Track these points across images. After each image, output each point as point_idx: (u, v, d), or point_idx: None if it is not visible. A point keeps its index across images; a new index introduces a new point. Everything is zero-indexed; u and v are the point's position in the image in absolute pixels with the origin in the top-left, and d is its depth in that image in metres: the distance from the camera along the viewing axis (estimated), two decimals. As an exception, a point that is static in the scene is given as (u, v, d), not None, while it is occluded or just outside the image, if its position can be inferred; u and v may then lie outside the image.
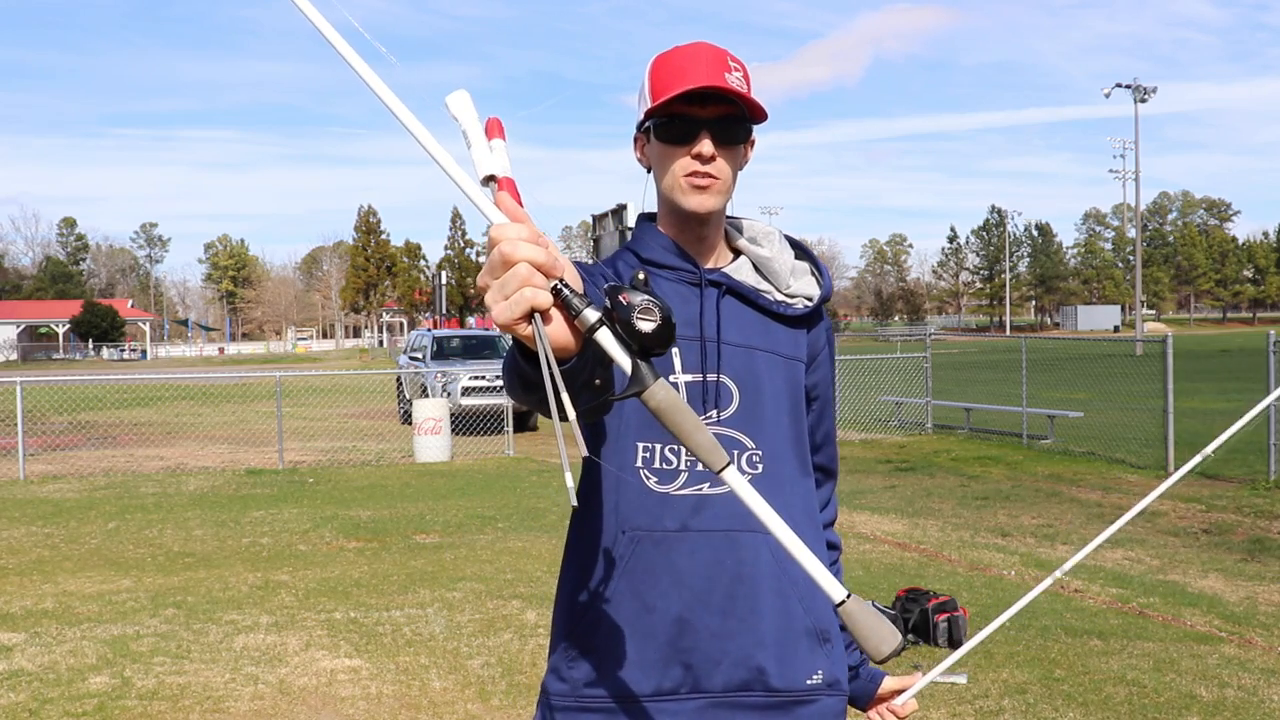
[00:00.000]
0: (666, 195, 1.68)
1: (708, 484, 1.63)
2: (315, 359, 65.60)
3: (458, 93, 1.23)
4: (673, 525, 1.62)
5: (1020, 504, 10.09)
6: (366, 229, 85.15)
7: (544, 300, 1.09)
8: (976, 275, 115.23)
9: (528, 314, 1.09)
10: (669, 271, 1.70)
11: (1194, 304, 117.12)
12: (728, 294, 1.70)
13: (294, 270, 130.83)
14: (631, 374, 1.14)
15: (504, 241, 1.09)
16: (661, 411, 1.14)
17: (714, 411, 1.65)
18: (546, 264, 1.10)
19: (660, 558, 1.62)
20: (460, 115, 1.22)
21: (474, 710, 4.81)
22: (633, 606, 1.62)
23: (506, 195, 1.16)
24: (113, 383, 27.95)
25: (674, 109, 1.62)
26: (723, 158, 1.64)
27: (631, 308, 1.13)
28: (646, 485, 1.63)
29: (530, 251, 1.09)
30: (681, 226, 1.70)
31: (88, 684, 5.19)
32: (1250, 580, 7.04)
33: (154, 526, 9.59)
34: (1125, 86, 48.76)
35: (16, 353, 76.34)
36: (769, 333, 1.71)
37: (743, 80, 1.64)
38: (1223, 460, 12.30)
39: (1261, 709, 4.69)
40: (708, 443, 1.14)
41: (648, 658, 1.61)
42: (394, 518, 9.88)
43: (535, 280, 1.09)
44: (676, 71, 1.62)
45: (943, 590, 6.34)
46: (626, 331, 1.13)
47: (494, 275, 1.10)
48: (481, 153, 1.21)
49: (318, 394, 23.19)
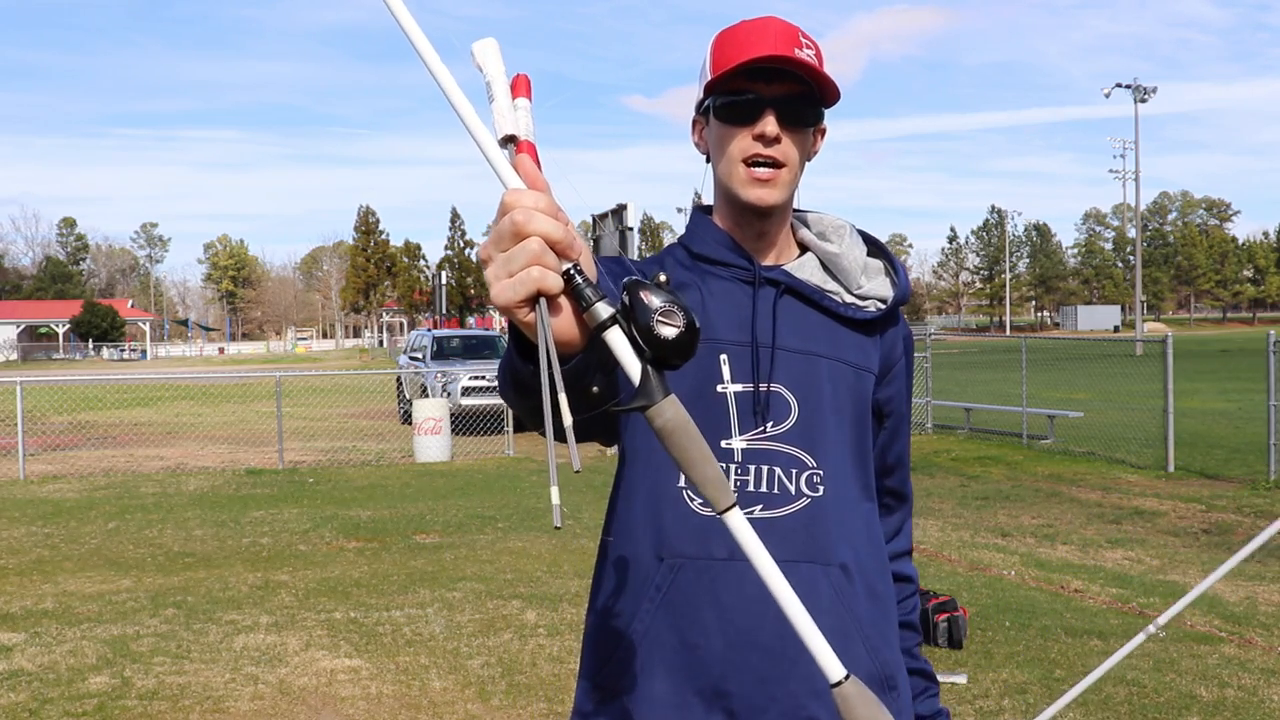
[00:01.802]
0: (724, 183, 1.51)
1: (759, 506, 1.44)
2: (315, 359, 65.59)
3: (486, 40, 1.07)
4: (721, 553, 1.42)
5: (1020, 504, 10.09)
6: (366, 229, 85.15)
7: (554, 283, 0.95)
8: (976, 275, 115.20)
9: (532, 297, 0.96)
10: (721, 268, 1.53)
11: (1194, 304, 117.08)
12: (787, 294, 1.52)
13: (294, 270, 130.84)
14: (640, 385, 0.98)
15: (518, 209, 0.95)
16: (667, 433, 0.99)
17: (766, 425, 1.46)
18: (563, 241, 0.95)
19: (703, 589, 1.43)
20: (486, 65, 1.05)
21: (474, 710, 4.81)
22: (671, 643, 1.43)
23: (527, 159, 1.00)
24: (113, 383, 27.96)
25: (736, 85, 1.44)
26: (789, 140, 1.46)
27: (652, 309, 0.98)
28: (690, 507, 1.45)
29: (546, 225, 0.94)
30: (739, 220, 1.53)
31: (88, 684, 5.19)
32: (1250, 580, 7.03)
33: (154, 526, 9.59)
34: (1125, 86, 48.75)
35: (16, 353, 76.33)
36: (835, 338, 1.52)
37: (815, 58, 1.45)
38: (1223, 460, 12.30)
39: (1261, 709, 4.69)
40: (715, 478, 0.99)
41: (686, 701, 1.42)
42: (394, 518, 9.88)
43: (547, 259, 0.95)
44: (741, 44, 1.44)
45: (943, 590, 6.33)
46: (643, 335, 0.98)
47: (500, 247, 0.96)
48: (504, 109, 1.03)
49: (318, 394, 23.18)
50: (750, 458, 1.46)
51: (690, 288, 1.51)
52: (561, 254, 0.96)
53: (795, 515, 1.46)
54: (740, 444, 1.46)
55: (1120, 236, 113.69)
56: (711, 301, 1.51)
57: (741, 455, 1.46)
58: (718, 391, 1.48)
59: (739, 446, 1.46)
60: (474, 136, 0.98)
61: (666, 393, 0.98)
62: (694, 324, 1.00)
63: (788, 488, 1.46)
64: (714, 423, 1.46)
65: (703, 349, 1.43)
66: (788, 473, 1.46)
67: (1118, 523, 9.10)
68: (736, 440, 1.47)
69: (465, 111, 0.97)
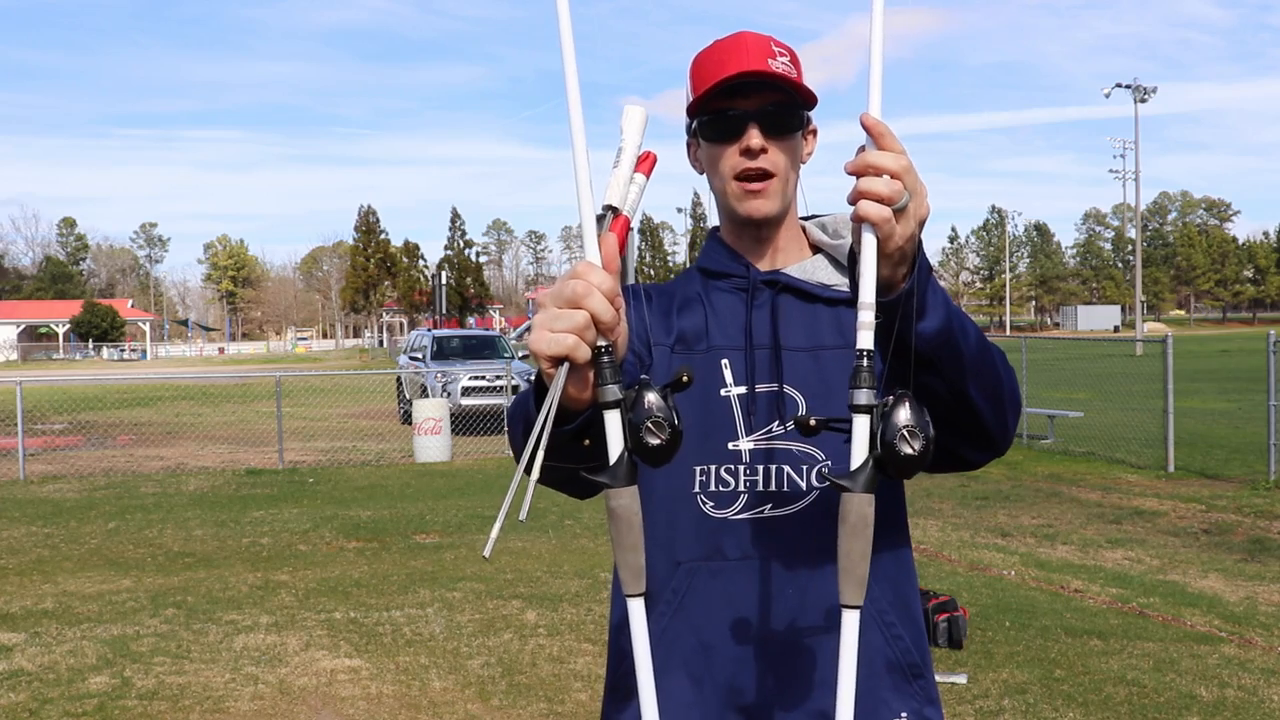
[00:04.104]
0: (721, 199, 1.57)
1: (769, 505, 1.47)
2: (315, 359, 65.58)
3: (637, 108, 1.21)
4: (734, 553, 1.46)
5: (1020, 504, 10.09)
6: (366, 229, 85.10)
7: (582, 355, 1.11)
8: (977, 275, 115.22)
9: (561, 357, 1.11)
10: (724, 280, 1.57)
11: (1194, 304, 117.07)
12: (785, 293, 1.54)
13: (294, 270, 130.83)
14: (613, 465, 1.15)
15: (582, 283, 1.11)
16: (615, 516, 1.16)
17: (772, 425, 1.49)
18: (607, 324, 1.12)
19: (719, 590, 1.46)
20: (627, 132, 1.20)
21: (474, 710, 4.81)
22: (690, 645, 1.47)
23: (612, 238, 1.17)
24: (113, 383, 27.98)
25: (717, 104, 1.49)
26: (776, 150, 1.50)
27: (647, 416, 1.13)
28: (703, 510, 1.48)
29: (599, 305, 1.11)
30: (739, 231, 1.58)
31: (88, 684, 5.19)
32: (1250, 580, 7.03)
33: (154, 526, 9.59)
34: (1125, 87, 48.75)
35: (16, 353, 76.32)
36: (843, 328, 1.52)
37: (790, 64, 1.50)
38: (1223, 460, 12.30)
39: (1261, 709, 4.69)
40: (634, 565, 1.16)
41: (705, 700, 1.46)
42: (394, 518, 9.88)
43: (586, 334, 1.11)
44: (715, 64, 1.49)
45: (943, 590, 6.33)
46: (631, 432, 1.14)
47: (556, 304, 1.12)
48: (622, 180, 1.19)
49: (318, 394, 23.17)
50: (758, 458, 1.49)
51: (694, 304, 1.57)
52: (603, 333, 1.12)
53: (807, 510, 1.47)
54: (748, 445, 1.49)
55: (1120, 236, 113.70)
56: (713, 313, 1.56)
57: (749, 456, 1.49)
58: (721, 396, 1.51)
59: (746, 448, 1.49)
60: (579, 198, 1.14)
61: (630, 482, 1.15)
62: (677, 440, 1.14)
63: (798, 484, 1.48)
64: (720, 426, 1.49)
65: (706, 357, 1.52)
66: (798, 469, 1.48)
67: (1118, 523, 9.10)
68: (744, 442, 1.49)
69: (583, 175, 1.14)
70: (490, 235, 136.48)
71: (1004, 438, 1.43)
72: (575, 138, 1.14)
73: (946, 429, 1.35)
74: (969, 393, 1.32)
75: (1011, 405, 1.41)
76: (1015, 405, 1.42)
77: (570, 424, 1.19)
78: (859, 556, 1.14)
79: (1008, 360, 1.43)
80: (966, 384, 1.32)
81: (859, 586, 1.14)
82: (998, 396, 1.37)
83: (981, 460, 1.46)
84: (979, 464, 1.47)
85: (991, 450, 1.44)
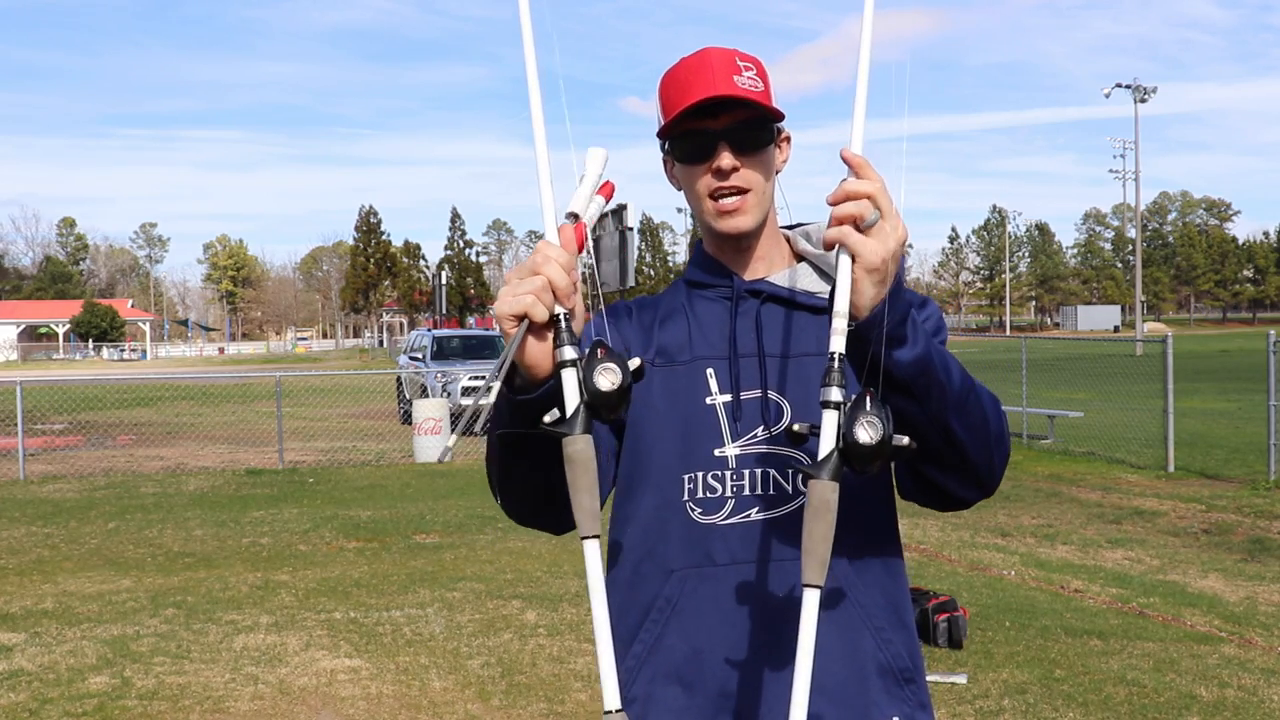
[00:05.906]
0: (699, 217, 1.59)
1: (756, 509, 1.49)
2: (315, 359, 65.60)
3: (600, 150, 1.40)
4: (723, 559, 1.48)
5: (1020, 504, 10.09)
6: (366, 229, 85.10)
7: (539, 314, 1.25)
8: (977, 275, 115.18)
9: (520, 315, 1.25)
10: (709, 291, 1.60)
11: (1194, 304, 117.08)
12: (769, 302, 1.56)
13: (294, 270, 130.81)
14: (570, 416, 1.25)
15: (540, 255, 1.26)
16: (570, 461, 1.25)
17: (757, 430, 1.51)
18: (562, 289, 1.25)
19: (708, 596, 1.48)
20: (590, 166, 1.38)
21: (474, 710, 4.81)
22: (682, 651, 1.48)
23: (570, 228, 1.31)
24: (113, 383, 27.99)
25: (685, 125, 1.51)
26: (748, 167, 1.51)
27: (598, 363, 1.24)
28: (691, 518, 1.50)
29: (555, 272, 1.25)
30: (720, 245, 1.60)
31: (88, 684, 5.19)
32: (1250, 580, 7.03)
33: (154, 526, 9.59)
34: (1125, 87, 48.76)
35: (16, 353, 76.34)
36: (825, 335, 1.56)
37: (756, 78, 1.51)
38: (1223, 460, 12.30)
39: (1261, 709, 4.69)
40: (589, 508, 1.24)
41: (696, 705, 1.47)
42: (394, 518, 9.88)
43: (544, 297, 1.24)
44: (682, 86, 1.51)
45: (943, 590, 6.33)
46: (585, 380, 1.24)
47: (519, 275, 1.27)
48: (585, 195, 1.36)
49: (318, 394, 23.17)
50: (744, 463, 1.51)
51: (678, 315, 1.61)
52: (559, 299, 1.26)
53: (794, 514, 1.47)
54: (734, 451, 1.51)
55: (1120, 236, 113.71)
56: (696, 323, 1.59)
57: (735, 461, 1.51)
58: (707, 404, 1.53)
59: (732, 454, 1.51)
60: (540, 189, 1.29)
61: (586, 431, 1.25)
62: (627, 388, 1.24)
63: (784, 488, 1.50)
64: (706, 434, 1.52)
65: (689, 367, 1.56)
66: (784, 473, 1.50)
67: (1118, 523, 9.10)
68: (730, 448, 1.51)
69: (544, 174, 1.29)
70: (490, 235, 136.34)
71: (990, 476, 1.47)
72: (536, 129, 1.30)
73: (931, 462, 1.41)
74: (951, 425, 1.38)
75: (998, 447, 1.45)
76: (1003, 448, 1.47)
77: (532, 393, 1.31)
78: (820, 538, 1.20)
79: (1000, 407, 1.48)
80: (948, 417, 1.37)
81: (820, 566, 1.20)
82: (984, 434, 1.42)
83: (969, 498, 1.49)
84: (967, 501, 1.50)
85: (979, 489, 1.48)
